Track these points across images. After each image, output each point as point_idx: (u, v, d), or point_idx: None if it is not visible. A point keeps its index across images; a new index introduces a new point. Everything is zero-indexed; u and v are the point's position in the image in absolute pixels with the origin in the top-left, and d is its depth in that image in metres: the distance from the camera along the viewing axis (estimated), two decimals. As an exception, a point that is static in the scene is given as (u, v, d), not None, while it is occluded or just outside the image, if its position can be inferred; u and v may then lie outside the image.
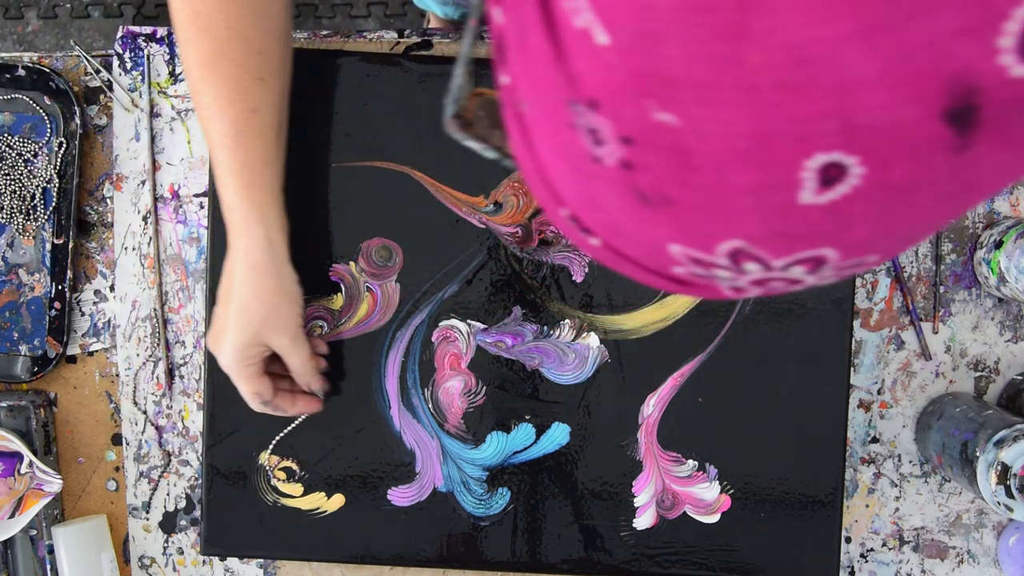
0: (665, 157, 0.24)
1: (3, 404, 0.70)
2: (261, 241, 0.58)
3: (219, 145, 0.57)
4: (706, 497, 0.68)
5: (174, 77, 0.72)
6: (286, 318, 0.59)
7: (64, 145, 0.71)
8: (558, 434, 0.68)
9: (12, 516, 0.68)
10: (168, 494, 0.73)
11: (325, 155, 0.67)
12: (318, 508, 0.69)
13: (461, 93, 0.34)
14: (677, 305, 0.68)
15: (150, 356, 0.72)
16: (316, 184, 0.61)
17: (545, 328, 0.68)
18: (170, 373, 0.72)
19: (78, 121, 0.70)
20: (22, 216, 0.71)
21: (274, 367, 0.63)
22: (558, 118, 0.26)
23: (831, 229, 0.24)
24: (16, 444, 0.68)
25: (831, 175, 0.23)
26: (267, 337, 0.59)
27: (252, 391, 0.61)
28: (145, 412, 0.72)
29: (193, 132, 0.72)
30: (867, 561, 0.72)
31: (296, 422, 0.68)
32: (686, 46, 0.22)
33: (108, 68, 0.72)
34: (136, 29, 0.72)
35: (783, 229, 0.25)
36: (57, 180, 0.71)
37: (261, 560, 0.72)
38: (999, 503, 0.61)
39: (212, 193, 0.68)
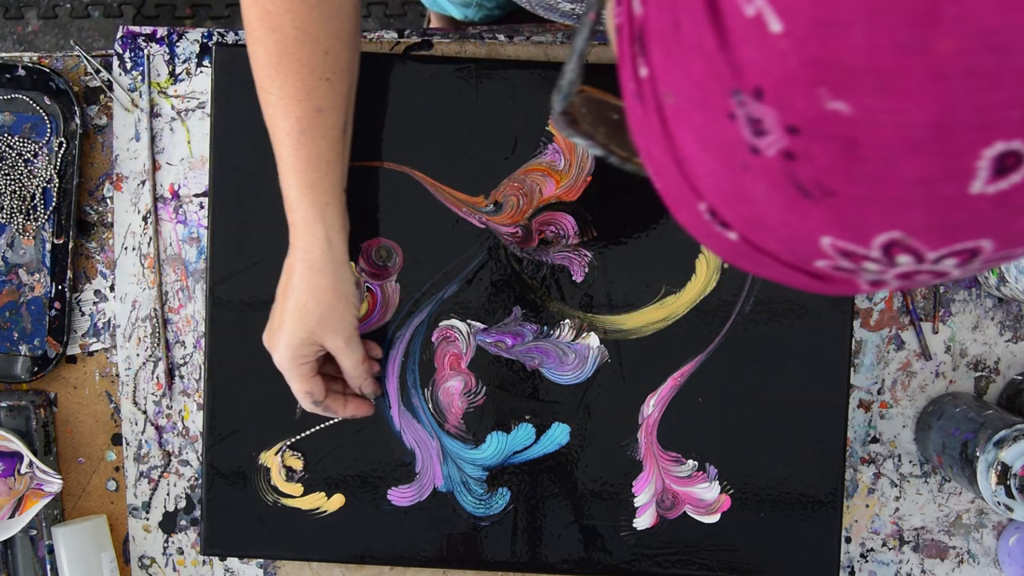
0: (832, 147, 0.24)
1: (3, 404, 0.70)
2: (321, 241, 0.58)
3: (283, 143, 0.57)
4: (706, 497, 0.68)
5: (174, 77, 0.72)
6: (341, 319, 0.59)
7: (64, 145, 0.71)
8: (558, 434, 0.68)
9: (12, 516, 0.68)
10: (168, 494, 0.73)
11: (325, 155, 0.67)
12: (318, 508, 0.69)
13: (572, 89, 0.34)
14: (677, 305, 0.68)
15: (150, 356, 0.72)
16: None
17: (545, 328, 0.68)
18: (170, 373, 0.72)
19: (78, 121, 0.70)
20: (22, 216, 0.71)
21: (327, 368, 0.63)
22: (714, 109, 0.25)
23: (995, 219, 0.24)
24: (16, 444, 0.68)
25: (1006, 164, 0.23)
26: (322, 337, 0.59)
27: (304, 390, 0.61)
28: (145, 412, 0.72)
29: (193, 132, 0.72)
30: (867, 561, 0.72)
31: (319, 426, 0.68)
32: (870, 33, 0.22)
33: (108, 68, 0.72)
34: (136, 29, 0.72)
35: (946, 220, 0.24)
36: (57, 180, 0.71)
37: (261, 560, 0.72)
38: (999, 503, 0.61)
39: (212, 193, 0.68)
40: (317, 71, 0.56)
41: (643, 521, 0.68)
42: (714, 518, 0.68)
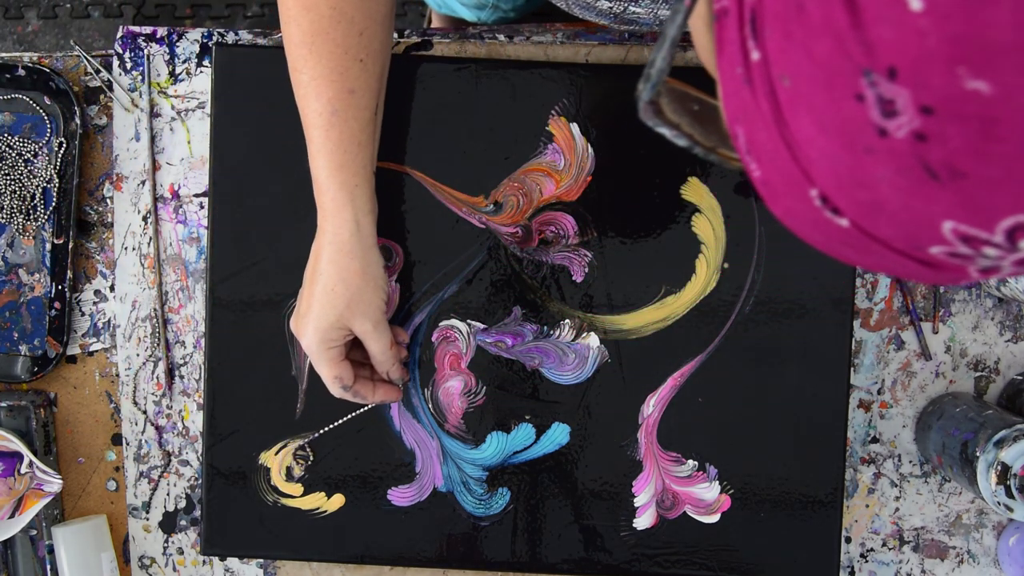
0: (967, 128, 0.23)
1: (3, 404, 0.70)
2: (349, 224, 0.58)
3: (314, 124, 0.57)
4: (706, 497, 0.68)
5: (174, 77, 0.72)
6: (369, 303, 0.59)
7: (64, 145, 0.71)
8: (558, 434, 0.68)
9: (12, 516, 0.68)
10: (168, 494, 0.73)
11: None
12: (318, 508, 0.69)
13: (661, 77, 0.33)
14: (677, 305, 0.68)
15: (150, 356, 0.72)
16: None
17: (545, 328, 0.68)
18: (170, 373, 0.72)
19: (78, 121, 0.70)
20: (22, 216, 0.71)
21: (353, 354, 0.63)
22: (839, 90, 0.25)
23: None
24: (16, 444, 0.68)
25: None
26: (350, 321, 0.59)
27: (333, 375, 0.61)
28: (145, 412, 0.72)
29: (193, 132, 0.72)
30: (867, 561, 0.72)
31: (334, 424, 0.68)
32: (1020, 9, 0.21)
33: (108, 68, 0.72)
34: (136, 29, 0.72)
35: None
36: (57, 180, 0.71)
37: (261, 560, 0.72)
38: (999, 503, 0.61)
39: (212, 193, 0.68)
40: (351, 52, 0.56)
41: (643, 521, 0.68)
42: (714, 518, 0.68)
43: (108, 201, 0.73)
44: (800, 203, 0.29)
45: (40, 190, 0.71)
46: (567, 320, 0.68)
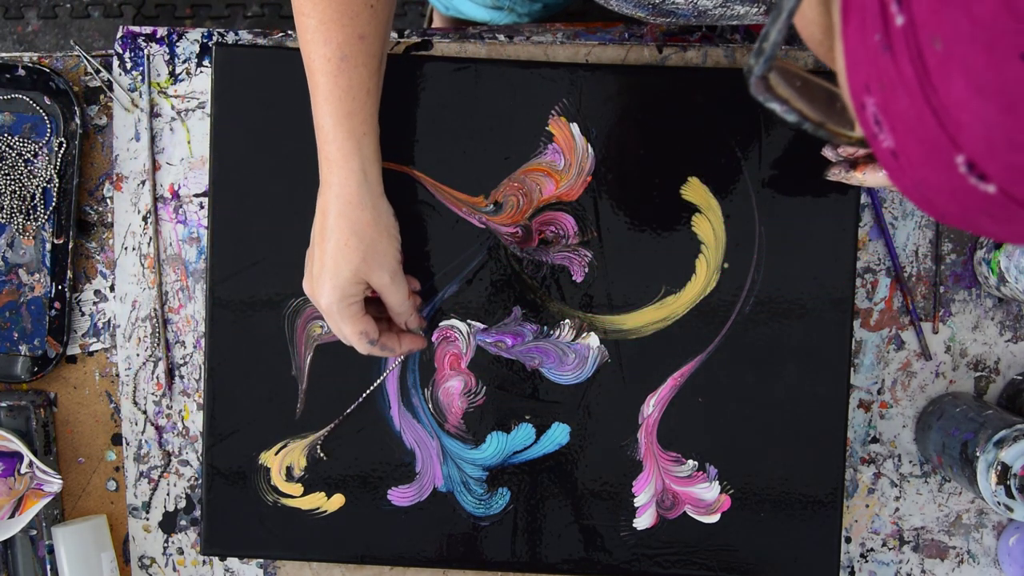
0: None
1: (3, 404, 0.70)
2: (357, 174, 0.57)
3: (321, 71, 0.56)
4: (706, 497, 0.68)
5: (174, 77, 0.72)
6: (384, 254, 0.58)
7: (64, 145, 0.71)
8: (558, 434, 0.68)
9: (12, 516, 0.68)
10: (168, 494, 0.73)
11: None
12: (318, 508, 0.69)
13: (775, 51, 0.33)
14: (677, 305, 0.68)
15: (150, 356, 0.72)
16: (316, 185, 0.61)
17: (545, 328, 0.68)
18: (170, 373, 0.72)
19: (78, 121, 0.70)
20: (22, 216, 0.71)
21: (368, 310, 0.61)
22: (1003, 50, 0.25)
23: None
24: (16, 444, 0.68)
25: None
26: (367, 274, 0.58)
27: (358, 331, 0.59)
28: (145, 412, 0.72)
29: (193, 132, 0.72)
30: (867, 561, 0.72)
31: (339, 419, 0.68)
32: None
33: (108, 68, 0.72)
34: (136, 29, 0.72)
35: None
36: (57, 180, 0.71)
37: (261, 560, 0.72)
38: (999, 503, 0.61)
39: (212, 193, 0.68)
40: None
41: (643, 521, 0.68)
42: (714, 518, 0.68)
43: (108, 201, 0.73)
44: (940, 172, 0.29)
45: (40, 190, 0.71)
46: (567, 320, 0.68)
